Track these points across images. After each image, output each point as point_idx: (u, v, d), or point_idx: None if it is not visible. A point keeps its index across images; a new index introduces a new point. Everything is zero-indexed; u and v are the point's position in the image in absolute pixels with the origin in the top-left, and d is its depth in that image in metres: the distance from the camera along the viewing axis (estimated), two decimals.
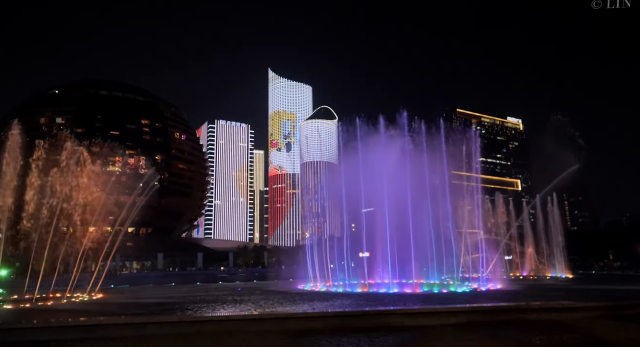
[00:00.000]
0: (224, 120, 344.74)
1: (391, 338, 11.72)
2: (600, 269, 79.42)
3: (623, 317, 14.74)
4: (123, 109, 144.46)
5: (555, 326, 13.51)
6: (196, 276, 74.88)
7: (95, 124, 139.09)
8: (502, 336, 11.86)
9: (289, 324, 13.50)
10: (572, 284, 42.54)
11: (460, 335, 12.04)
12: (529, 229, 69.31)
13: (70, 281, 34.50)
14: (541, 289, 35.52)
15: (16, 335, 12.30)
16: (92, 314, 21.33)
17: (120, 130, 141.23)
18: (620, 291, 31.41)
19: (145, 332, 12.46)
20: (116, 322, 13.31)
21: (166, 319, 14.00)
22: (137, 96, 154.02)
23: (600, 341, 11.39)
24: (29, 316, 20.95)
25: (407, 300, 25.73)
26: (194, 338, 11.80)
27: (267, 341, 11.35)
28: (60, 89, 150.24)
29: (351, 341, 11.47)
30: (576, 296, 26.64)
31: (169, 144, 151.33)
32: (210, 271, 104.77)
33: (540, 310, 15.88)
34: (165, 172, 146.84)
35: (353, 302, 25.65)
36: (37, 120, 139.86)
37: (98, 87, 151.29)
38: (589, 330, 12.82)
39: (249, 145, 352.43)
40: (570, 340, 11.38)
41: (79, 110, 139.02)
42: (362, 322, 13.92)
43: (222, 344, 11.11)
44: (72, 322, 13.41)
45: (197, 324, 13.27)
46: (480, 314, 15.00)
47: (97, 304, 27.74)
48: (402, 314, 14.94)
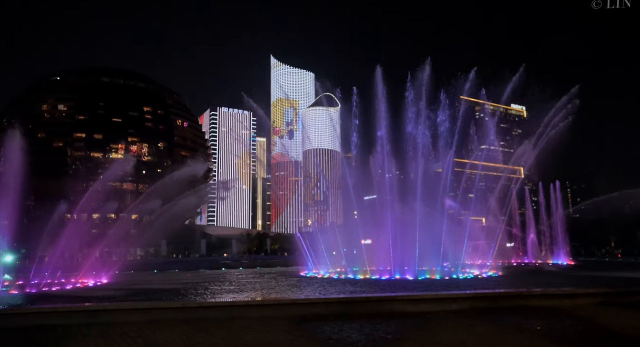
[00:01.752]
0: (226, 108, 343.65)
1: (393, 324, 11.82)
2: (602, 256, 79.67)
3: (624, 304, 14.81)
4: (125, 96, 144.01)
5: (556, 312, 13.59)
6: (200, 263, 75.57)
7: (97, 111, 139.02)
8: (503, 322, 11.94)
9: (292, 310, 13.63)
10: (573, 271, 42.71)
11: (462, 321, 12.13)
12: (531, 216, 69.41)
13: (76, 267, 34.88)
14: (542, 276, 35.68)
15: (23, 320, 12.47)
16: (97, 299, 21.60)
17: (123, 118, 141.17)
18: (621, 278, 31.51)
19: (150, 318, 12.61)
20: (121, 308, 13.46)
21: (170, 304, 14.15)
22: (138, 83, 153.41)
23: (601, 327, 11.46)
24: (35, 301, 21.23)
25: (408, 286, 25.93)
26: (198, 323, 11.94)
27: (271, 327, 11.47)
28: (61, 76, 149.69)
29: (353, 326, 11.57)
30: (577, 283, 26.76)
31: (172, 131, 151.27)
32: (213, 257, 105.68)
33: (542, 296, 15.96)
34: (167, 159, 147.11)
35: (355, 288, 25.88)
36: (38, 107, 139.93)
37: (99, 74, 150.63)
38: (590, 316, 12.89)
39: (251, 132, 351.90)
40: (571, 326, 11.45)
41: (80, 97, 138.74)
42: (365, 308, 14.03)
43: (226, 329, 11.24)
44: (78, 307, 13.58)
45: (201, 309, 13.41)
46: (482, 301, 15.10)
47: (102, 290, 28.07)
48: (404, 301, 15.05)
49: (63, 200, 31.71)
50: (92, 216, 34.57)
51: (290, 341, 9.90)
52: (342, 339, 10.17)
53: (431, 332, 10.76)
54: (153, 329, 11.27)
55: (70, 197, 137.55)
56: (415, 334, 10.58)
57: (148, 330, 11.21)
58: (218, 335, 10.59)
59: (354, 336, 10.51)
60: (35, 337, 10.70)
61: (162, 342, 9.91)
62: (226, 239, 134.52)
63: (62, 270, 34.08)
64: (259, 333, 10.76)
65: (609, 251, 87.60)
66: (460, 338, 10.09)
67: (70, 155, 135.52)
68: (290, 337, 10.34)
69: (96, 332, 11.02)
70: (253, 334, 10.64)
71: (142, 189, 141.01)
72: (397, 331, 10.87)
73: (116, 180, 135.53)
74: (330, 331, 11.04)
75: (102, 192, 36.42)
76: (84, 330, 11.20)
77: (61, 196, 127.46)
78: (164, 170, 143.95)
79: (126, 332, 10.98)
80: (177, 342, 9.94)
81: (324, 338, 10.24)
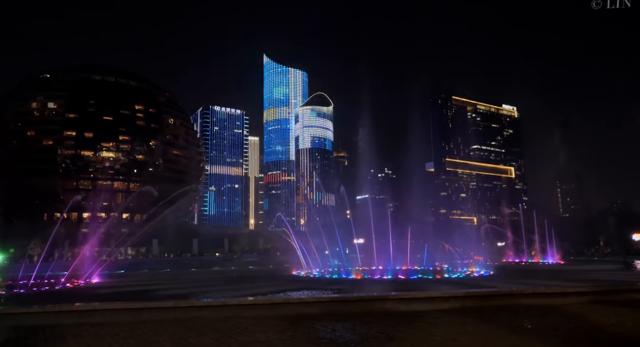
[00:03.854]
0: (219, 107, 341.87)
1: (386, 323, 11.84)
2: (591, 255, 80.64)
3: (613, 302, 14.99)
4: (116, 94, 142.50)
5: (547, 310, 13.72)
6: (191, 262, 75.17)
7: (88, 109, 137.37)
8: (495, 321, 12.02)
9: (285, 309, 13.59)
10: (563, 270, 43.21)
11: (454, 320, 12.19)
12: (521, 216, 70.12)
13: (65, 266, 34.48)
14: (533, 275, 36.05)
15: (11, 320, 12.29)
16: (87, 299, 21.38)
17: (114, 116, 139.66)
18: (611, 276, 31.99)
19: (141, 318, 12.50)
20: (112, 308, 13.32)
21: (162, 304, 14.04)
22: (130, 81, 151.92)
23: (591, 325, 11.58)
24: (24, 301, 20.96)
25: (401, 286, 26.02)
26: (190, 323, 11.86)
27: (264, 326, 11.42)
28: (51, 73, 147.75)
29: (347, 326, 11.58)
30: (568, 281, 27.04)
31: (163, 130, 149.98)
32: (205, 257, 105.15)
33: (533, 295, 16.10)
34: (159, 158, 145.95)
35: (348, 287, 25.90)
36: (28, 105, 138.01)
37: (91, 71, 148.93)
38: (580, 315, 13.02)
39: (244, 131, 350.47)
40: (562, 324, 11.56)
41: (71, 95, 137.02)
42: (358, 307, 14.04)
43: (218, 329, 11.17)
44: (67, 307, 13.40)
45: (193, 309, 13.32)
46: (474, 300, 15.18)
47: (92, 290, 27.80)
48: (397, 300, 15.09)
49: (52, 199, 31.29)
50: (83, 215, 34.23)
51: (283, 341, 9.87)
52: (335, 338, 10.16)
53: (424, 331, 10.79)
54: (144, 329, 11.18)
55: (61, 196, 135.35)
56: (408, 333, 10.60)
57: (139, 330, 11.11)
58: (210, 335, 10.53)
59: (347, 335, 10.51)
60: (23, 338, 10.55)
61: (154, 343, 9.82)
62: (218, 238, 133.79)
63: (51, 269, 33.69)
64: (252, 333, 10.70)
65: (597, 250, 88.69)
66: (453, 337, 10.13)
67: (61, 153, 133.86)
68: (283, 337, 10.30)
69: (86, 332, 10.89)
70: (246, 334, 10.59)
71: (133, 188, 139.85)
72: (390, 330, 10.88)
73: (107, 179, 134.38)
74: (323, 330, 11.02)
75: (93, 191, 36.03)
76: (74, 330, 11.07)
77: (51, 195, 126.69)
78: (156, 169, 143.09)
79: (117, 332, 10.87)
80: (169, 342, 9.85)
81: (317, 338, 10.22)
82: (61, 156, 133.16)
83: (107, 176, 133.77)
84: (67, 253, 65.43)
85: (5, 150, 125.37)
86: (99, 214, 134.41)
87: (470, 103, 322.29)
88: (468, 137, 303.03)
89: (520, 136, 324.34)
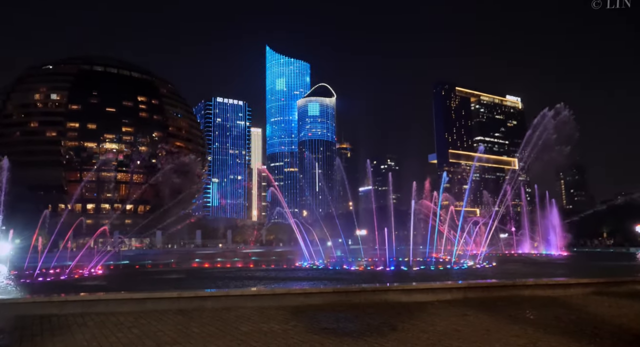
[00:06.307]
0: (221, 98, 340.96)
1: (388, 314, 11.91)
2: (594, 246, 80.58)
3: (615, 294, 14.99)
4: (119, 85, 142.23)
5: (549, 302, 13.75)
6: (195, 253, 75.58)
7: (90, 100, 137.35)
8: (497, 312, 12.05)
9: (287, 300, 13.68)
10: (566, 261, 43.21)
11: (456, 311, 12.24)
12: (525, 207, 69.97)
13: (70, 257, 34.77)
14: (535, 266, 36.08)
15: (17, 309, 12.43)
16: (92, 289, 21.58)
17: (116, 108, 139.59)
18: (612, 267, 31.94)
19: (145, 308, 12.61)
20: (116, 298, 13.44)
21: (166, 294, 14.15)
22: (132, 73, 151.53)
23: (593, 316, 11.60)
24: (30, 291, 21.18)
25: (403, 277, 26.11)
26: (193, 313, 11.96)
27: (266, 317, 11.51)
28: (54, 64, 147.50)
29: (348, 316, 11.64)
30: (570, 273, 27.08)
31: (166, 121, 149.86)
32: (208, 248, 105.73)
33: (535, 286, 16.12)
34: (162, 150, 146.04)
35: (350, 278, 26.03)
36: (31, 96, 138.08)
37: (93, 63, 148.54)
38: (582, 306, 13.05)
39: (247, 123, 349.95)
40: (564, 316, 11.58)
41: (74, 86, 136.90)
42: (360, 298, 14.11)
43: (221, 319, 11.27)
44: (73, 297, 13.53)
45: (197, 299, 13.42)
46: (476, 291, 15.22)
47: (96, 280, 28.05)
48: (399, 291, 15.15)
49: (56, 190, 31.44)
50: (87, 206, 34.38)
51: (286, 331, 9.94)
52: (337, 328, 10.22)
53: (425, 322, 10.85)
54: (148, 319, 11.28)
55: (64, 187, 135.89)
56: (409, 323, 10.65)
57: (143, 320, 11.22)
58: (213, 325, 10.61)
59: (349, 325, 10.57)
60: (30, 327, 10.67)
61: (158, 332, 9.92)
62: (222, 229, 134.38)
63: (57, 260, 33.98)
64: (255, 323, 10.79)
65: (601, 241, 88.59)
66: (455, 327, 10.17)
67: (64, 145, 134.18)
68: (285, 327, 10.38)
69: (91, 322, 11.01)
70: (248, 324, 10.67)
71: (136, 180, 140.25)
72: (392, 321, 10.94)
73: (111, 170, 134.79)
74: (325, 320, 11.09)
75: (97, 183, 36.15)
76: (79, 320, 11.19)
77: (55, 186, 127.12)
78: (159, 160, 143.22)
79: (121, 322, 10.98)
80: (173, 332, 9.95)
81: (320, 328, 10.29)
82: (64, 148, 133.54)
83: (110, 168, 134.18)
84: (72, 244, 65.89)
85: (8, 142, 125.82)
86: (103, 206, 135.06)
87: (474, 94, 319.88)
88: (471, 128, 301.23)
89: (525, 128, 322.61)
